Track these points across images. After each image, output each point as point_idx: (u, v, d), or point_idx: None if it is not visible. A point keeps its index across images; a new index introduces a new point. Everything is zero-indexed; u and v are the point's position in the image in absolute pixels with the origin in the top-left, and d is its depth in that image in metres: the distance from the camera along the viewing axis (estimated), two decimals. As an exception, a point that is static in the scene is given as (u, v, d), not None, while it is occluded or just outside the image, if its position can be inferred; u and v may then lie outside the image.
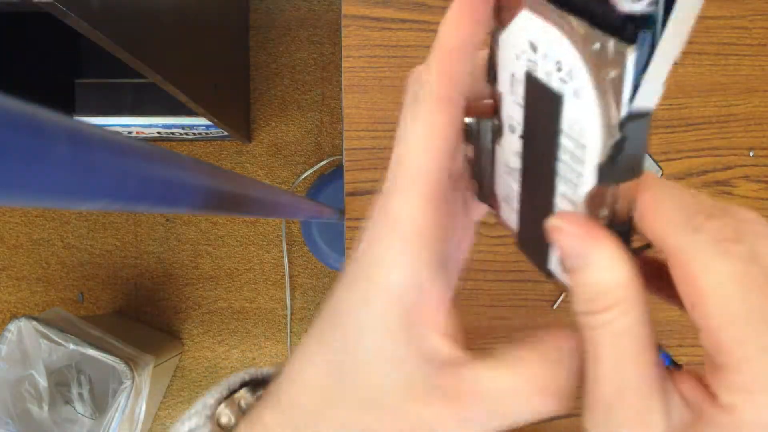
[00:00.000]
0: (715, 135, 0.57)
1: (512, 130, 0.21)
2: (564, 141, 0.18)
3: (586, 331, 0.17)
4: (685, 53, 0.57)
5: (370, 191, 0.55)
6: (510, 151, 0.21)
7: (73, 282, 1.34)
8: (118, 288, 1.34)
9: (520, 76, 0.19)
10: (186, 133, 1.26)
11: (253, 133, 1.33)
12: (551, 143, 0.18)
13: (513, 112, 0.20)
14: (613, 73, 0.15)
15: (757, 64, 0.57)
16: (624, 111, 0.16)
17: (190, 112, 1.09)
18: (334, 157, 1.33)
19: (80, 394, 1.08)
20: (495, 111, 0.21)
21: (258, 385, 0.26)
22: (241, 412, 0.24)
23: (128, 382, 1.01)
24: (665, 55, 0.15)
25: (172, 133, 1.26)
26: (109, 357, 1.01)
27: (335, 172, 1.31)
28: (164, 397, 1.32)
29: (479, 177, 0.23)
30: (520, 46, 0.18)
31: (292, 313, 1.32)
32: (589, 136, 0.17)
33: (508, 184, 0.22)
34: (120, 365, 1.01)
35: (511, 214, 0.23)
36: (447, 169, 0.18)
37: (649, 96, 0.16)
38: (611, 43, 0.15)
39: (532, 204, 0.21)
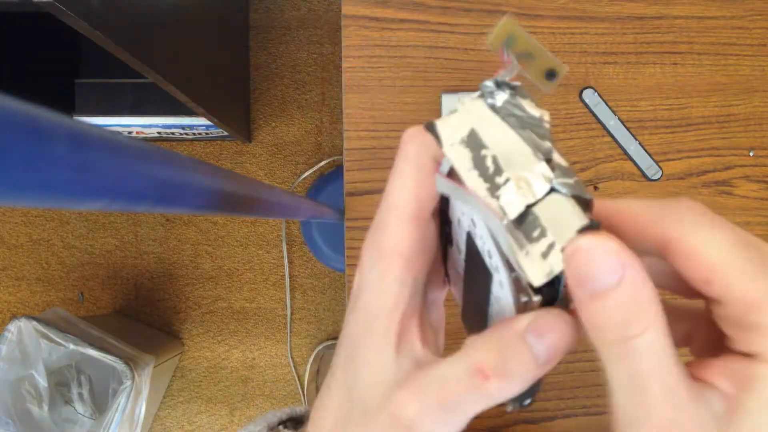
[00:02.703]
0: (715, 135, 0.57)
1: (458, 251, 0.23)
2: (492, 301, 0.21)
3: (617, 360, 0.17)
4: (685, 53, 0.57)
5: (370, 191, 0.55)
6: (457, 260, 0.24)
7: (73, 282, 1.34)
8: (118, 288, 1.34)
9: (464, 228, 0.22)
10: (186, 133, 1.26)
11: (253, 133, 1.33)
12: (483, 292, 0.22)
13: (458, 240, 0.23)
14: (524, 298, 0.19)
15: (757, 64, 0.57)
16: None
17: (190, 112, 1.09)
18: (334, 157, 1.33)
19: (80, 394, 1.08)
20: (448, 221, 0.24)
21: (297, 422, 0.30)
22: None
23: (128, 382, 1.01)
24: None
25: (172, 133, 1.26)
26: (109, 357, 1.01)
27: (335, 172, 1.31)
28: (164, 397, 1.32)
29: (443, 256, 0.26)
30: (465, 210, 0.21)
31: (292, 313, 1.32)
32: (508, 315, 0.20)
33: (457, 273, 0.25)
34: (120, 365, 1.01)
35: (457, 294, 0.26)
36: (426, 208, 0.21)
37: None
38: (524, 282, 0.18)
39: (471, 301, 0.24)
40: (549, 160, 0.18)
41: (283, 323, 1.32)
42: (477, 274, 0.22)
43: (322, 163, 1.33)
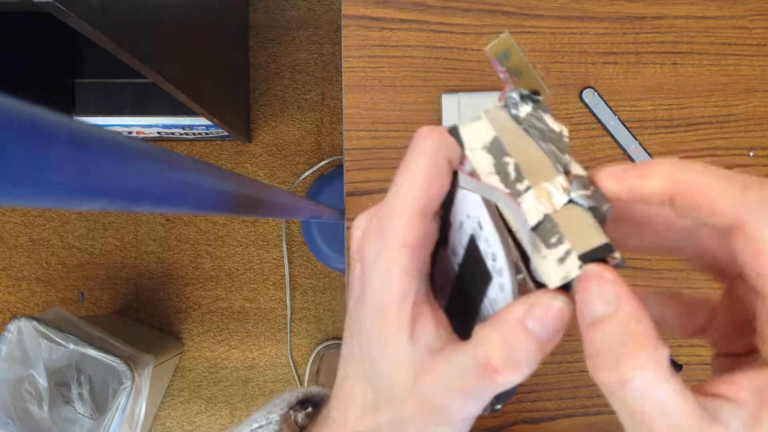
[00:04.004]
0: (715, 135, 0.57)
1: (453, 253, 0.24)
2: (486, 303, 0.22)
3: (618, 403, 0.18)
4: (685, 53, 0.57)
5: (370, 191, 0.55)
6: (449, 263, 0.25)
7: (73, 282, 1.34)
8: (118, 288, 1.34)
9: (467, 231, 0.22)
10: (186, 133, 1.26)
11: (253, 133, 1.33)
12: (476, 294, 0.23)
13: (456, 243, 0.24)
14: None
15: (757, 64, 0.57)
16: None
17: (190, 112, 1.09)
18: (334, 157, 1.33)
19: (80, 394, 1.08)
20: (447, 224, 0.24)
21: (305, 402, 0.31)
22: (297, 427, 0.29)
23: (128, 382, 1.01)
24: None
25: (172, 133, 1.26)
26: (109, 357, 1.01)
27: (335, 172, 1.31)
28: (164, 397, 1.32)
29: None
30: (472, 212, 0.22)
31: (292, 313, 1.32)
32: None
33: (444, 275, 0.25)
34: (120, 365, 1.01)
35: (440, 294, 0.26)
36: (434, 204, 0.22)
37: None
38: (531, 284, 0.20)
39: (459, 302, 0.25)
40: (567, 173, 0.20)
41: (283, 323, 1.32)
42: (473, 276, 0.23)
43: (322, 163, 1.33)
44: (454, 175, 0.22)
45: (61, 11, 0.54)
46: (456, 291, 0.25)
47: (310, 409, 0.30)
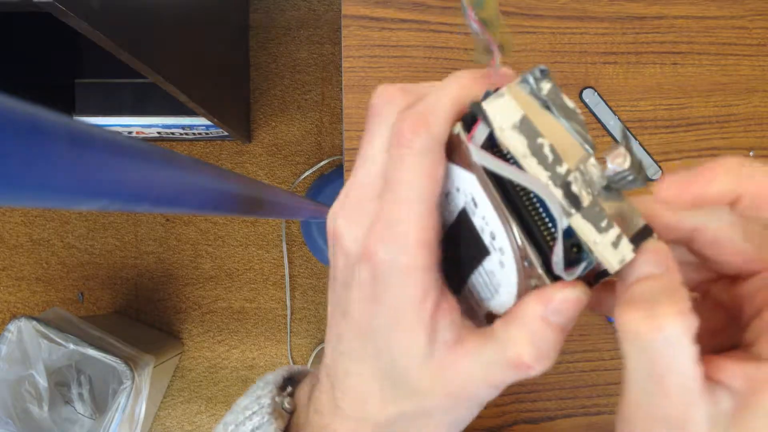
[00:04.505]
0: (715, 135, 0.57)
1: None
2: (480, 271, 0.22)
3: (641, 350, 0.19)
4: (685, 53, 0.57)
5: (370, 191, 0.55)
6: None
7: (73, 282, 1.34)
8: (118, 288, 1.34)
9: (456, 202, 0.22)
10: (186, 133, 1.26)
11: (253, 133, 1.33)
12: (469, 262, 0.23)
13: (442, 210, 0.23)
14: (534, 282, 0.20)
15: (757, 64, 0.57)
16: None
17: (190, 112, 1.09)
18: (334, 157, 1.33)
19: (80, 394, 1.08)
20: None
21: (286, 382, 0.31)
22: (286, 413, 0.29)
23: (128, 382, 1.01)
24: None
25: (172, 133, 1.26)
26: (109, 357, 1.01)
27: (335, 172, 1.31)
28: (164, 397, 1.32)
29: None
30: (463, 188, 0.21)
31: (292, 313, 1.32)
32: (503, 291, 0.22)
33: None
34: (120, 365, 1.01)
35: None
36: (440, 193, 0.22)
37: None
38: (540, 271, 0.20)
39: (443, 264, 0.24)
40: (596, 153, 0.20)
41: (283, 323, 1.32)
42: (465, 245, 0.23)
43: (322, 163, 1.33)
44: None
45: (61, 11, 0.54)
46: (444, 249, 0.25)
47: (290, 389, 0.30)
